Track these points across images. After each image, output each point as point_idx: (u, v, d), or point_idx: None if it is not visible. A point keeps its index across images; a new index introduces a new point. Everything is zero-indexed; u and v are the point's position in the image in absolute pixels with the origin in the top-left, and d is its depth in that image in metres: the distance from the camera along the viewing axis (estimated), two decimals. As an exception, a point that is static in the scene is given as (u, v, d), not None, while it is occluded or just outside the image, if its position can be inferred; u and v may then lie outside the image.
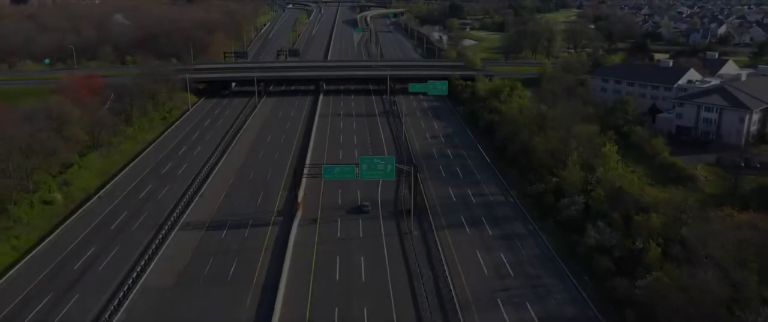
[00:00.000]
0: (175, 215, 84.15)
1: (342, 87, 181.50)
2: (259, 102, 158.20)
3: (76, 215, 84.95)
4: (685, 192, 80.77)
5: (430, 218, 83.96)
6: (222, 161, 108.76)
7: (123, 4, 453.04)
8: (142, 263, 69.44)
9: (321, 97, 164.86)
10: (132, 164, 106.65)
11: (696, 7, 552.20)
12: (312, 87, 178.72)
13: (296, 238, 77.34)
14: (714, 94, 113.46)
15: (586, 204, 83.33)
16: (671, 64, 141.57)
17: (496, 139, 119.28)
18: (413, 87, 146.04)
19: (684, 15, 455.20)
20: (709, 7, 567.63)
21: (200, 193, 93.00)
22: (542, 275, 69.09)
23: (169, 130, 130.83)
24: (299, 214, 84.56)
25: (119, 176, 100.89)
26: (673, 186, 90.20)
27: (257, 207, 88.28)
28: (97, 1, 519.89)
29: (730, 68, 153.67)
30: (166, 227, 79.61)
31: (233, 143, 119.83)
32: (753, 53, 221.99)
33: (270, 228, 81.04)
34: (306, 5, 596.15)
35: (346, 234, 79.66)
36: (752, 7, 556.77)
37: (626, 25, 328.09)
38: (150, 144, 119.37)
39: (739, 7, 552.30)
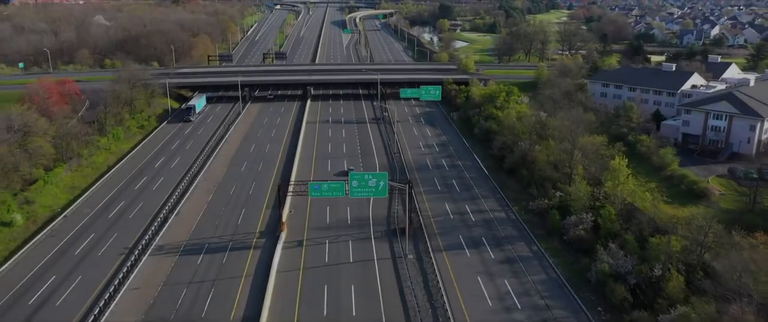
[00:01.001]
0: (147, 236, 76.77)
1: (330, 91, 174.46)
2: (243, 108, 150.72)
3: (37, 238, 77.23)
4: (704, 209, 74.65)
5: (427, 239, 77.15)
6: (201, 173, 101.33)
7: (106, 5, 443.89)
8: (106, 296, 61.99)
9: (308, 102, 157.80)
10: (104, 179, 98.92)
11: (686, 8, 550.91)
12: (299, 92, 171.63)
13: (280, 263, 70.26)
14: (722, 101, 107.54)
15: (594, 222, 77.08)
16: (674, 69, 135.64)
17: (493, 147, 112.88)
18: (405, 92, 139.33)
19: (675, 16, 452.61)
20: (700, 7, 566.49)
21: (176, 211, 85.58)
22: (552, 306, 62.44)
23: (146, 139, 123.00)
24: (283, 235, 77.49)
25: (89, 191, 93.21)
26: (686, 201, 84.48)
27: (238, 227, 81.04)
28: (81, 2, 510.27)
29: (733, 72, 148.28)
30: (137, 252, 72.19)
31: (214, 154, 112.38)
32: (750, 55, 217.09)
33: (251, 252, 73.87)
34: (294, 6, 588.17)
35: (335, 258, 72.66)
36: (742, 8, 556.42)
37: (618, 26, 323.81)
38: (125, 155, 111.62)
39: (730, 8, 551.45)
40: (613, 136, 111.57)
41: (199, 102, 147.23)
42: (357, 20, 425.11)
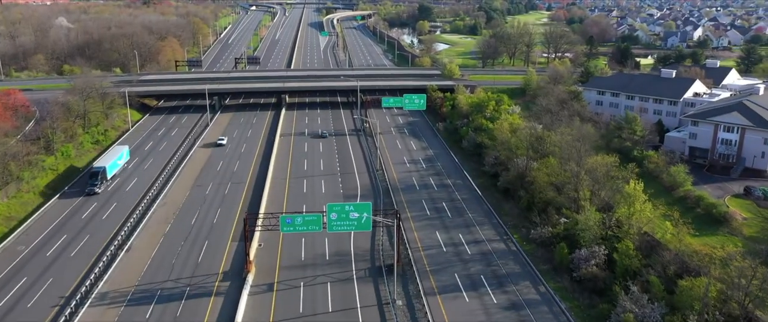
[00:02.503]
0: (89, 281, 65.04)
1: (307, 99, 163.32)
2: (211, 119, 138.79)
3: (-45, 285, 65.13)
4: (733, 242, 65.40)
5: (418, 278, 66.72)
6: (159, 199, 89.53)
7: (73, 6, 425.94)
8: (28, 367, 50.43)
9: (283, 111, 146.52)
10: (46, 206, 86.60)
11: (665, 9, 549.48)
12: (273, 100, 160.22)
13: (245, 315, 59.20)
14: (733, 112, 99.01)
15: (608, 256, 67.45)
16: (674, 75, 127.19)
17: (485, 163, 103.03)
18: (387, 102, 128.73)
19: (655, 17, 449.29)
20: (678, 8, 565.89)
21: (127, 246, 73.90)
22: (570, 367, 52.43)
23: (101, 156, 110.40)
24: (250, 277, 66.41)
25: (26, 223, 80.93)
26: (705, 228, 75.32)
27: (198, 266, 69.69)
28: (48, 3, 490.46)
29: (733, 78, 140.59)
30: (74, 303, 60.51)
31: (176, 175, 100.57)
32: (740, 58, 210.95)
33: (212, 300, 62.64)
34: (270, 7, 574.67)
35: (311, 306, 61.80)
36: (720, 9, 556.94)
37: (602, 28, 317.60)
38: (74, 177, 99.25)
39: (708, 9, 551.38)
40: (616, 150, 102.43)
41: (113, 161, 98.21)
42: (335, 22, 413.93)
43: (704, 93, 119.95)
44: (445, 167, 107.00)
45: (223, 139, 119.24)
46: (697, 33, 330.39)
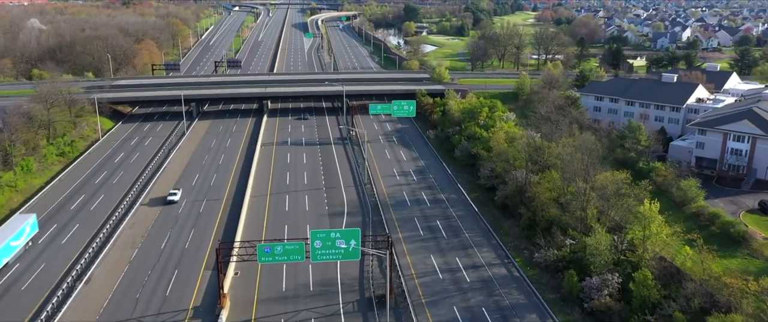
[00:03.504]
0: (40, 321, 57.24)
1: (290, 105, 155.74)
2: (188, 128, 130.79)
3: None
4: (759, 265, 59.13)
5: (412, 312, 59.75)
6: (127, 220, 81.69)
7: (49, 7, 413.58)
8: None
9: (265, 118, 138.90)
10: None
11: (651, 10, 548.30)
12: (255, 105, 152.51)
13: (217, 362, 51.88)
14: (743, 120, 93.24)
15: (622, 285, 61.02)
16: (675, 80, 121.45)
17: (480, 175, 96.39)
18: (374, 108, 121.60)
19: (642, 18, 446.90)
20: (664, 9, 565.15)
21: (86, 277, 66.11)
22: None
23: (66, 171, 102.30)
24: (225, 314, 59.00)
25: (-25, 249, 72.69)
26: (722, 248, 69.14)
27: (166, 300, 62.12)
28: (25, 3, 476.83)
29: (734, 82, 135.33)
30: (20, 349, 52.78)
31: (146, 192, 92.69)
32: (734, 60, 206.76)
33: (179, 343, 55.22)
34: (253, 7, 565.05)
35: (293, 348, 54.62)
36: (705, 9, 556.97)
37: (591, 29, 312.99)
38: (34, 194, 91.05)
39: (694, 9, 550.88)
40: (619, 162, 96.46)
41: (4, 245, 67.15)
42: (319, 23, 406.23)
43: (708, 99, 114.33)
44: (437, 180, 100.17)
45: (175, 194, 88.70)
46: (686, 34, 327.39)
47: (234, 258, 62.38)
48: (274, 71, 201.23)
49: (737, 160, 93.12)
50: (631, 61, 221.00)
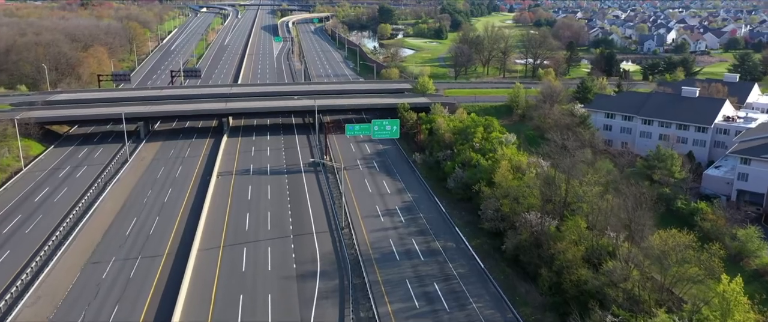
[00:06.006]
0: None
1: (255, 122, 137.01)
2: (132, 152, 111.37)
3: None
4: None
5: None
6: (29, 293, 62.48)
7: (0, 8, 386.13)
8: None
9: (224, 139, 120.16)
10: None
11: (629, 11, 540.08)
12: (214, 123, 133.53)
13: None
14: (795, 147, 78.05)
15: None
16: (697, 94, 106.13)
17: (482, 217, 79.36)
18: (351, 129, 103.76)
19: (621, 19, 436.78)
20: (641, 10, 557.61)
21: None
22: None
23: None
24: None
25: None
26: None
27: None
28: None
29: (755, 94, 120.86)
30: None
31: (64, 247, 73.46)
32: (734, 66, 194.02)
33: None
34: (222, 8, 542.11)
35: None
36: (682, 10, 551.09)
37: (575, 31, 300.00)
38: None
39: (672, 10, 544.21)
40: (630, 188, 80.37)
41: None
42: (290, 25, 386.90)
43: (737, 116, 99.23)
44: (429, 220, 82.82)
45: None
46: (671, 36, 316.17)
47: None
48: (239, 81, 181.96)
49: (790, 195, 77.83)
50: (623, 65, 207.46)
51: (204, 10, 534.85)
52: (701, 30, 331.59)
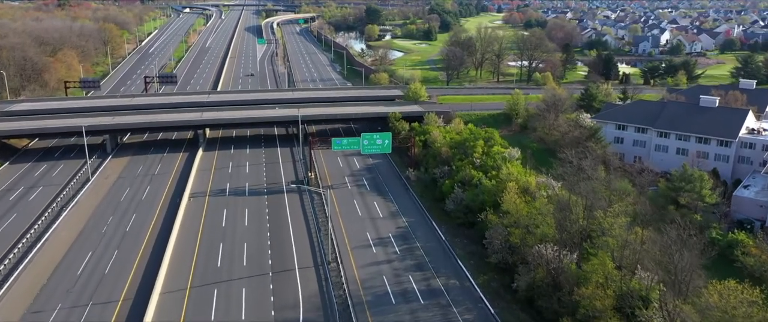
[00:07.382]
0: None
1: (234, 133, 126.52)
2: (95, 170, 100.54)
3: None
4: None
5: None
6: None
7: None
8: None
9: (199, 153, 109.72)
10: None
11: (618, 11, 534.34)
12: (189, 135, 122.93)
13: None
14: (840, 167, 69.19)
15: None
16: (717, 104, 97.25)
17: (488, 249, 69.69)
18: (338, 144, 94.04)
19: (612, 19, 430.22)
20: (630, 10, 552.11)
21: None
22: None
23: None
24: None
25: None
26: None
27: None
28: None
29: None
30: None
31: (7, 285, 62.78)
32: (736, 68, 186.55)
33: None
34: (205, 9, 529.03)
35: None
36: (672, 10, 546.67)
37: (567, 32, 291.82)
38: None
39: (661, 10, 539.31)
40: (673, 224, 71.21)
41: None
42: (275, 26, 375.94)
43: (762, 129, 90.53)
44: (427, 251, 73.05)
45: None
46: (665, 37, 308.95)
47: None
48: (218, 88, 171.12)
49: (834, 221, 68.98)
50: (621, 67, 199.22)
51: (187, 10, 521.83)
52: (695, 31, 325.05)
